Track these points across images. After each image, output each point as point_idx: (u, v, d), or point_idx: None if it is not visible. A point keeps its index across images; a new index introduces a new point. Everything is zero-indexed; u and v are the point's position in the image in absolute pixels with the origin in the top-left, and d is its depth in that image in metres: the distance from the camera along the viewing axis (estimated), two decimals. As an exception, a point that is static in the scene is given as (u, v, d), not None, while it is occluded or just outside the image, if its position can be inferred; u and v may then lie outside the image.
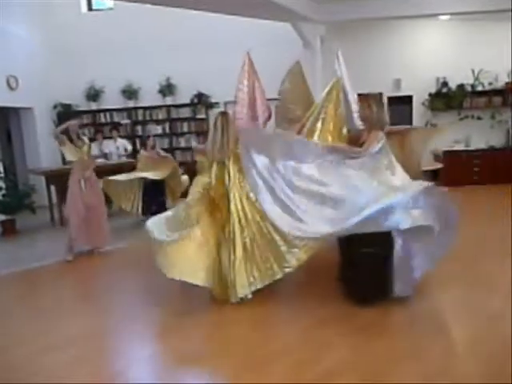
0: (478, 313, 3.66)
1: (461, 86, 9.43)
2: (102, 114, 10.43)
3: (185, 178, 7.98)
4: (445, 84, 9.52)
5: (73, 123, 5.81)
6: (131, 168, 8.17)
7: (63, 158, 10.20)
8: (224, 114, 4.52)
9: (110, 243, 6.11)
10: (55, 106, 10.17)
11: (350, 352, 3.14)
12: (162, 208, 7.81)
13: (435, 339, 3.27)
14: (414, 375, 2.81)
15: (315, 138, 4.38)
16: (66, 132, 5.76)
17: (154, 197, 7.65)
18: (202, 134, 10.23)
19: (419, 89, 9.57)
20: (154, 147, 8.02)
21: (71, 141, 5.77)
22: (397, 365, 2.94)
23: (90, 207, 5.83)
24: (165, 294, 4.47)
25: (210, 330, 3.70)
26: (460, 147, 9.50)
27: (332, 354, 3.12)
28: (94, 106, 10.37)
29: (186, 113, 10.29)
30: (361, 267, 3.77)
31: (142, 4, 7.41)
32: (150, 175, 7.58)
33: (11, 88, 8.99)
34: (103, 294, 4.72)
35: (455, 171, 9.16)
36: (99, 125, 10.26)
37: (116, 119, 10.37)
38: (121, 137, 9.50)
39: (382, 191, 3.66)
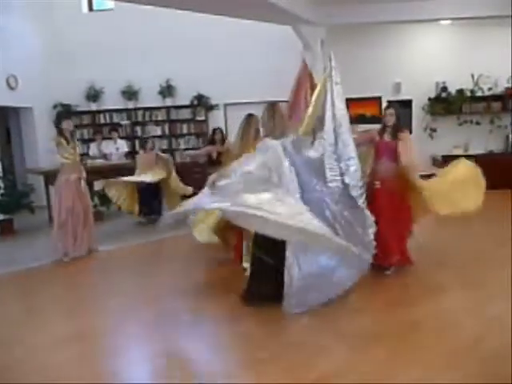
0: (477, 314, 3.67)
1: (460, 91, 9.45)
2: (101, 115, 10.42)
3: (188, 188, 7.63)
4: (444, 89, 9.55)
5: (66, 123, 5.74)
6: (131, 169, 8.17)
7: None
8: (249, 116, 4.72)
9: (108, 243, 6.11)
10: (55, 106, 10.17)
11: (349, 354, 3.13)
12: (157, 210, 7.81)
13: (435, 341, 3.27)
14: (413, 376, 2.81)
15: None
16: (60, 132, 5.71)
17: (150, 198, 7.61)
18: (201, 136, 10.24)
19: (419, 93, 9.60)
20: (152, 149, 8.01)
21: (67, 141, 5.70)
22: (396, 367, 2.94)
23: (86, 209, 5.82)
24: (163, 293, 4.47)
25: (208, 328, 3.69)
26: (459, 152, 9.50)
27: (330, 356, 3.11)
28: (93, 107, 10.36)
29: (185, 114, 10.30)
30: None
31: (142, 5, 7.40)
32: (147, 178, 7.45)
33: (11, 87, 8.99)
34: (100, 294, 4.71)
35: (454, 176, 9.16)
36: (98, 125, 10.26)
37: (116, 120, 10.36)
38: (120, 138, 9.50)
39: None
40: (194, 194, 4.80)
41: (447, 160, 9.15)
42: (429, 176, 4.80)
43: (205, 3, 6.90)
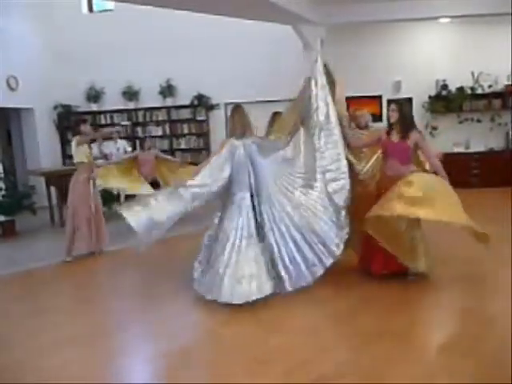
0: (477, 313, 3.67)
1: (460, 89, 9.43)
2: (102, 116, 10.44)
3: None
4: (445, 86, 9.53)
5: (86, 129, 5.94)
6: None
7: (63, 159, 10.34)
8: (274, 114, 5.23)
9: (111, 244, 6.13)
10: (55, 107, 10.19)
11: (350, 354, 3.14)
12: None
13: (435, 340, 3.28)
14: (413, 376, 2.81)
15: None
16: (78, 134, 5.86)
17: None
18: (202, 136, 10.24)
19: (419, 91, 9.58)
20: (150, 148, 8.02)
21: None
22: (396, 366, 2.94)
23: (97, 208, 5.90)
24: (164, 295, 4.47)
25: (209, 329, 3.70)
26: (459, 150, 9.51)
27: (331, 356, 3.12)
28: (94, 107, 10.38)
29: (186, 114, 10.30)
30: None
31: (142, 6, 7.41)
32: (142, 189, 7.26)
33: (11, 88, 9.01)
34: (102, 295, 4.73)
35: (454, 174, 9.09)
36: (99, 126, 10.26)
37: (116, 121, 10.38)
38: (121, 138, 9.50)
39: None
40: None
41: (447, 157, 9.22)
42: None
43: (205, 3, 6.90)
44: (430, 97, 9.60)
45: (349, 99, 9.48)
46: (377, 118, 9.50)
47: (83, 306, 4.42)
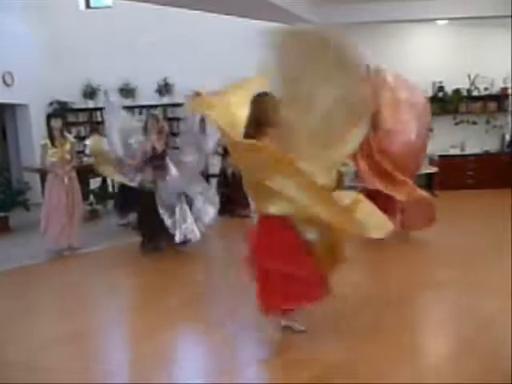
0: (475, 314, 3.67)
1: (457, 91, 9.47)
2: (98, 112, 10.38)
3: None
4: (441, 88, 9.56)
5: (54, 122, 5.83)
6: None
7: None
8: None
9: (106, 242, 6.12)
10: (51, 103, 10.12)
11: (346, 353, 3.13)
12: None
13: (432, 340, 3.28)
14: (411, 377, 2.81)
15: None
16: (49, 130, 5.78)
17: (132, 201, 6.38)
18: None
19: (415, 93, 9.59)
20: None
21: (53, 139, 5.77)
22: (393, 366, 2.93)
23: (74, 204, 5.87)
24: (155, 294, 4.46)
25: (201, 328, 3.68)
26: (455, 152, 9.55)
27: (328, 355, 3.10)
28: (90, 104, 10.34)
29: (182, 112, 10.26)
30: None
31: (139, 2, 7.39)
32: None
33: (7, 84, 8.95)
34: (95, 293, 4.71)
35: (450, 175, 9.20)
36: (96, 123, 10.21)
37: (112, 117, 10.31)
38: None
39: None
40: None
41: (443, 159, 9.29)
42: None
43: (205, 2, 6.89)
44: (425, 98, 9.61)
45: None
46: (373, 118, 9.53)
47: (76, 304, 4.39)
